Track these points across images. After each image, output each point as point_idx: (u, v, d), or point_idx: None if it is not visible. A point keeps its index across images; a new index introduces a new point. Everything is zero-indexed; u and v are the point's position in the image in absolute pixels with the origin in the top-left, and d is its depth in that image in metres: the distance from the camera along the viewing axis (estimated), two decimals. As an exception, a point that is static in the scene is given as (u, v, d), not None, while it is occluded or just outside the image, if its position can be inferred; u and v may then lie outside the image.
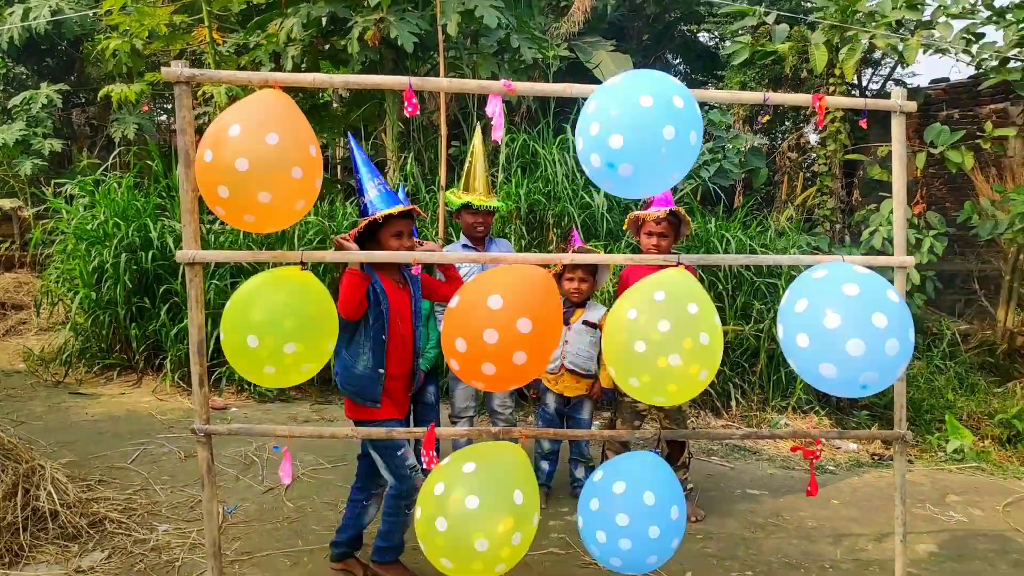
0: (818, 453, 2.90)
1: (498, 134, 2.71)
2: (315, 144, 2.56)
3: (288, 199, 2.48)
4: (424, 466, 2.70)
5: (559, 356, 4.09)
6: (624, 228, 3.99)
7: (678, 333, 2.36)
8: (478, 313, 2.36)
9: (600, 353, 4.14)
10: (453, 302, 2.49)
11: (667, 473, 2.64)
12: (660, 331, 2.35)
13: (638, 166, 2.29)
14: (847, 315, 2.29)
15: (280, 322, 2.50)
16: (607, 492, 2.56)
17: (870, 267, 2.50)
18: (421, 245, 3.23)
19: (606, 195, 6.75)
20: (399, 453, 3.08)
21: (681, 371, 2.37)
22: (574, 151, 7.04)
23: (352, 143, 3.16)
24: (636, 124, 2.26)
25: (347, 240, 2.92)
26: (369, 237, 3.05)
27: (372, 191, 3.02)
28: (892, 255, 3.10)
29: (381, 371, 3.09)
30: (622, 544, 2.48)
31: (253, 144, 2.39)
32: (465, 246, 4.26)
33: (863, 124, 2.96)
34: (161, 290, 6.34)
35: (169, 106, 11.19)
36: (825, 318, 2.31)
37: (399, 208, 3.00)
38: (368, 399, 3.12)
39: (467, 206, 4.16)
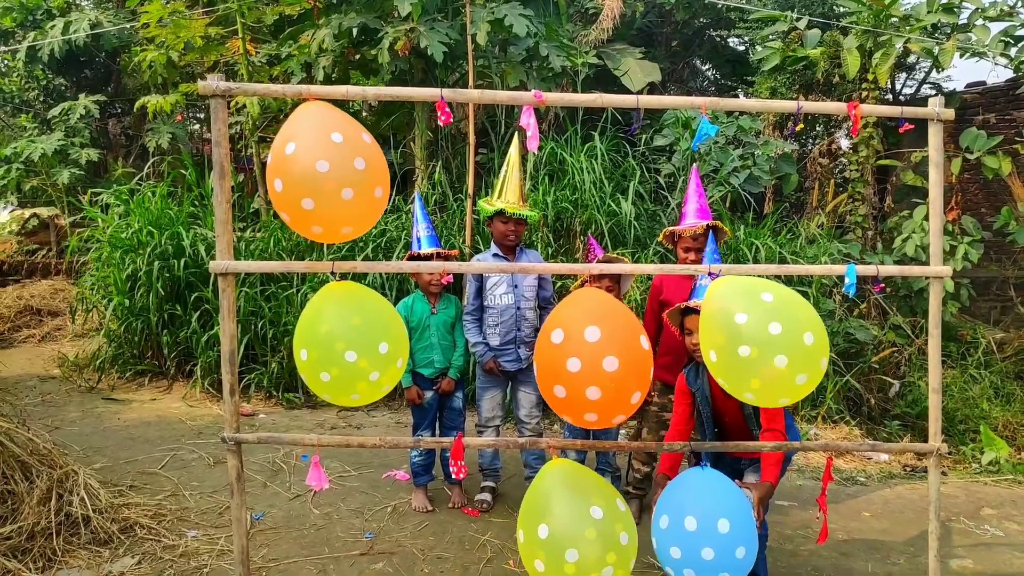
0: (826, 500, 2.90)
1: (533, 144, 2.69)
2: (366, 133, 2.57)
3: (366, 188, 2.47)
4: (453, 476, 2.68)
5: None
6: (659, 239, 3.95)
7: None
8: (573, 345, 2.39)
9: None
10: (556, 337, 2.45)
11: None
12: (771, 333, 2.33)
13: None
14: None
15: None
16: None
17: (905, 277, 2.45)
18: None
19: (634, 202, 6.70)
20: None
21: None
22: (602, 158, 7.02)
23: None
24: None
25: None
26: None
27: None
28: (926, 263, 3.03)
29: None
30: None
31: (324, 145, 2.40)
32: (496, 255, 4.25)
33: (902, 131, 2.90)
34: (192, 297, 6.43)
35: (202, 115, 11.35)
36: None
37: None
38: None
39: (500, 213, 4.15)
